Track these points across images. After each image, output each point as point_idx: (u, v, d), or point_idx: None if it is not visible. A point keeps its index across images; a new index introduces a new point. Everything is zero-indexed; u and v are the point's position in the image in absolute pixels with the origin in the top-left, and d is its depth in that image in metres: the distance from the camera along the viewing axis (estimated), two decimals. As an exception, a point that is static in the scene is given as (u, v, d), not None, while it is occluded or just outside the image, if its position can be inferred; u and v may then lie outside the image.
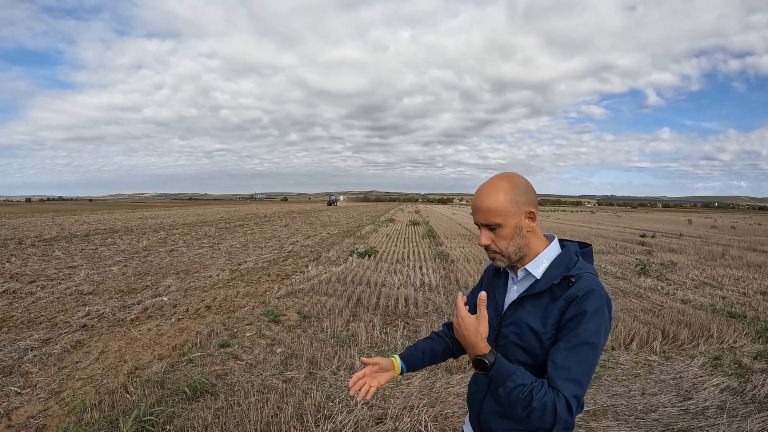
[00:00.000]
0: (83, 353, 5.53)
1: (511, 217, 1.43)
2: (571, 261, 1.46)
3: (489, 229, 1.46)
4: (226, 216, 42.82)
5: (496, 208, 1.42)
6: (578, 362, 1.32)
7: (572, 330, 1.34)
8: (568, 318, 1.36)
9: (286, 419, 3.80)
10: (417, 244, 18.31)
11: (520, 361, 1.45)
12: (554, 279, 1.42)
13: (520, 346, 1.46)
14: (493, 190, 1.44)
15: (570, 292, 1.38)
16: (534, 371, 1.42)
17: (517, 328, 1.47)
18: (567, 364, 1.32)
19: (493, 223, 1.43)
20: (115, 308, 7.50)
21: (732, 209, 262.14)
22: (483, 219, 1.45)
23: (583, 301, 1.35)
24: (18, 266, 11.69)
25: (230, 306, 7.89)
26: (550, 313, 1.40)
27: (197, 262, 13.00)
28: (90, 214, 45.10)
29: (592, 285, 1.38)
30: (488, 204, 1.43)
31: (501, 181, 1.45)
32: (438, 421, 3.89)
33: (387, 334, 6.32)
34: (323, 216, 44.55)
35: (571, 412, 1.29)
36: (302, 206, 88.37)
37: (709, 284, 10.44)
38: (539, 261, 1.49)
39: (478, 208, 1.45)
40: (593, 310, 1.34)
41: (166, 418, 3.84)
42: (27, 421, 3.88)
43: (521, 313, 1.47)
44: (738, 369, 5.17)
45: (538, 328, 1.41)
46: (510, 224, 1.43)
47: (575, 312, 1.35)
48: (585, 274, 1.41)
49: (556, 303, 1.40)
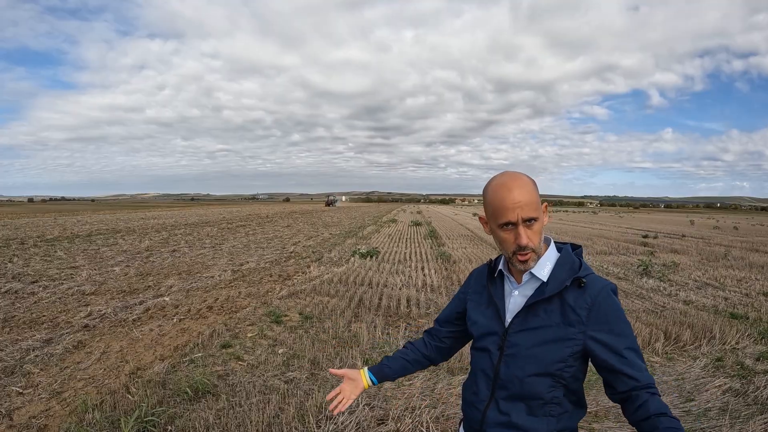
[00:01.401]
0: (85, 353, 5.54)
1: (539, 211, 1.39)
2: (575, 262, 1.44)
3: (526, 225, 1.37)
4: (228, 216, 42.85)
5: (535, 201, 1.36)
6: (637, 356, 1.36)
7: (618, 329, 1.36)
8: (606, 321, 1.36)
9: (287, 420, 3.79)
10: (419, 245, 18.30)
11: (531, 370, 1.40)
12: (565, 281, 1.38)
13: (533, 354, 1.40)
14: (524, 183, 1.37)
15: (590, 295, 1.36)
16: (543, 379, 1.40)
17: (530, 336, 1.41)
18: (638, 358, 1.36)
19: (533, 217, 1.36)
20: (117, 308, 7.51)
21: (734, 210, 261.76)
22: (525, 213, 1.35)
23: (611, 301, 1.37)
24: (20, 266, 11.71)
25: (232, 306, 7.89)
26: (571, 319, 1.37)
27: (199, 263, 13.01)
28: (92, 215, 45.18)
29: (605, 284, 1.40)
30: (528, 197, 1.35)
31: (522, 176, 1.40)
32: (440, 423, 3.88)
33: (389, 335, 6.33)
34: (325, 216, 44.57)
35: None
36: (304, 207, 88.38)
37: (712, 285, 10.42)
38: (542, 263, 1.44)
39: (518, 202, 1.34)
40: (618, 308, 1.38)
41: (167, 418, 3.84)
42: (29, 421, 3.88)
43: (534, 319, 1.42)
44: (740, 370, 5.15)
45: (557, 335, 1.38)
46: (541, 219, 1.40)
47: (610, 313, 1.36)
48: (592, 274, 1.41)
49: (575, 307, 1.37)
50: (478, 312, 1.59)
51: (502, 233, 1.40)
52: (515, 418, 1.44)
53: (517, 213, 1.34)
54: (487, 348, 1.52)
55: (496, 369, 1.48)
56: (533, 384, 1.41)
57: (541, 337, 1.39)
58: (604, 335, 1.36)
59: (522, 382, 1.42)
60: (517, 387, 1.43)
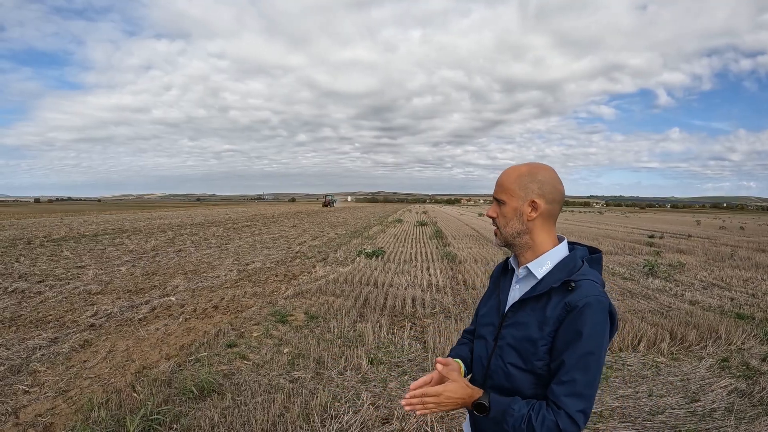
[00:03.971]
0: (91, 352, 5.57)
1: (514, 199, 1.48)
2: (576, 266, 1.44)
3: (497, 203, 1.53)
4: (233, 216, 42.95)
5: (505, 184, 1.50)
6: (582, 375, 1.30)
7: (573, 342, 1.32)
8: (568, 329, 1.33)
9: (292, 419, 3.81)
10: (425, 245, 18.30)
11: (514, 364, 1.43)
12: (554, 282, 1.40)
13: (515, 348, 1.43)
14: (512, 169, 1.51)
15: (569, 299, 1.35)
16: (526, 375, 1.41)
17: (515, 330, 1.45)
18: (571, 378, 1.30)
19: (499, 198, 1.51)
20: (123, 308, 7.54)
21: (741, 210, 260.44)
22: (495, 192, 1.53)
23: (582, 311, 1.32)
24: (27, 266, 11.78)
25: (238, 306, 7.91)
26: (547, 319, 1.38)
27: (205, 263, 13.05)
28: (98, 215, 45.36)
29: (592, 293, 1.34)
30: (502, 179, 1.51)
31: (525, 165, 1.51)
32: (444, 422, 3.89)
33: (394, 335, 6.33)
34: (331, 217, 44.60)
35: (578, 426, 1.28)
36: (310, 207, 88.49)
37: (718, 285, 10.38)
38: (542, 261, 1.47)
39: (498, 182, 1.53)
40: (593, 322, 1.32)
41: (173, 417, 3.86)
42: (35, 419, 3.91)
43: (522, 315, 1.45)
44: (746, 371, 5.13)
45: (534, 333, 1.39)
46: (511, 205, 1.48)
47: (575, 323, 1.32)
48: (586, 281, 1.38)
49: (554, 309, 1.37)
50: (485, 303, 1.67)
51: None
52: None
53: (495, 191, 1.53)
54: (485, 336, 1.58)
55: (489, 358, 1.53)
56: (516, 379, 1.44)
57: (524, 332, 1.43)
58: (559, 338, 1.36)
59: (507, 376, 1.45)
60: (503, 379, 1.47)
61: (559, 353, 1.34)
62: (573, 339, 1.32)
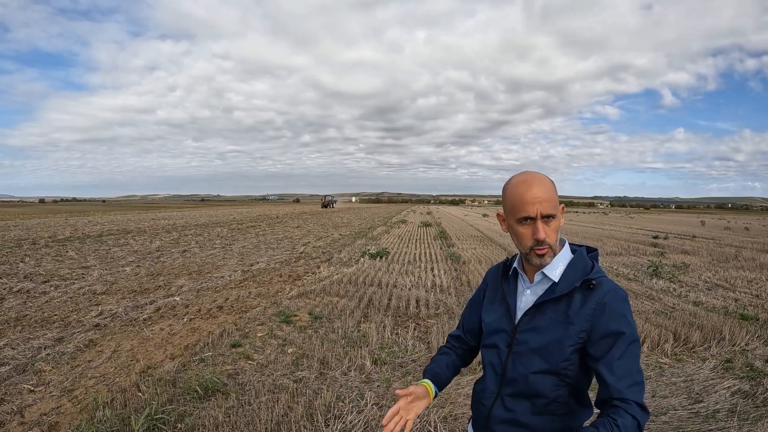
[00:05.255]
0: (96, 352, 5.60)
1: (559, 210, 1.44)
2: (587, 264, 1.45)
3: (545, 221, 1.40)
4: (238, 217, 43.02)
5: (554, 199, 1.40)
6: (634, 364, 1.32)
7: (617, 337, 1.32)
8: (608, 325, 1.34)
9: (296, 419, 3.82)
10: (429, 246, 18.29)
11: (536, 368, 1.43)
12: (575, 282, 1.40)
13: (537, 352, 1.43)
14: (544, 181, 1.41)
15: (597, 296, 1.37)
16: (549, 377, 1.41)
17: (535, 335, 1.44)
18: (629, 370, 1.31)
19: (551, 214, 1.40)
20: (127, 308, 7.58)
21: (746, 210, 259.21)
22: (544, 209, 1.38)
23: (616, 307, 1.35)
24: (32, 266, 11.84)
25: (242, 306, 7.93)
26: (574, 319, 1.38)
27: (209, 263, 13.09)
28: (103, 215, 45.53)
29: (613, 287, 1.39)
30: (549, 194, 1.39)
31: (543, 175, 1.44)
32: (447, 422, 3.90)
33: (398, 335, 6.34)
34: (335, 217, 44.63)
35: (648, 412, 1.29)
36: (314, 207, 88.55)
37: (722, 286, 10.34)
38: (555, 264, 1.46)
39: (537, 198, 1.38)
40: (626, 313, 1.35)
41: (177, 416, 3.88)
42: (40, 418, 3.93)
43: (541, 319, 1.44)
44: (750, 372, 5.11)
45: (560, 334, 1.39)
46: (559, 216, 1.43)
47: (613, 319, 1.34)
48: (603, 277, 1.41)
49: (581, 307, 1.38)
50: (491, 309, 1.63)
51: (521, 228, 1.43)
52: (520, 415, 1.47)
53: (537, 208, 1.38)
54: (497, 345, 1.55)
55: (504, 366, 1.51)
56: (538, 382, 1.43)
57: (546, 336, 1.42)
58: (598, 336, 1.35)
59: (527, 380, 1.44)
60: (522, 384, 1.46)
61: (605, 351, 1.34)
62: (616, 334, 1.33)
